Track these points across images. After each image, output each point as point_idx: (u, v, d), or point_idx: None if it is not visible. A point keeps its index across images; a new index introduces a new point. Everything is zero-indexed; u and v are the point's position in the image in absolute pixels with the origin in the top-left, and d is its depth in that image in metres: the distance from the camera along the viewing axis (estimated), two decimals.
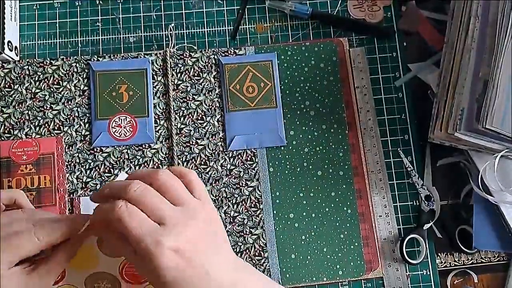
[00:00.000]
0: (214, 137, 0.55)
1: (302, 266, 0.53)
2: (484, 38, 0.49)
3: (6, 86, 0.56)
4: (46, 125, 0.55)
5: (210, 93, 0.56)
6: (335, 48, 0.58)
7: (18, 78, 0.56)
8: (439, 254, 0.55)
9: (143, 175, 0.38)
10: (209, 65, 0.57)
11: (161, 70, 0.57)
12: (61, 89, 0.56)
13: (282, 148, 0.56)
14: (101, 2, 0.60)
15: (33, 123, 0.55)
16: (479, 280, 0.54)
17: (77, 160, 0.54)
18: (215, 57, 0.57)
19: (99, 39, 0.58)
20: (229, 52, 0.57)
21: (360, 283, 0.53)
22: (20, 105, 0.55)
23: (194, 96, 0.56)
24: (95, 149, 0.55)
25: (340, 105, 0.57)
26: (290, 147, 0.56)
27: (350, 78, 0.58)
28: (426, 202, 0.55)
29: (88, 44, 0.58)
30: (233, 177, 0.55)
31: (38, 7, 0.59)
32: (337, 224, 0.54)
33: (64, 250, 0.40)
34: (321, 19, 0.59)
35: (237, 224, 0.54)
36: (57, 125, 0.55)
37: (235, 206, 0.54)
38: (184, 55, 0.57)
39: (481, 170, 0.52)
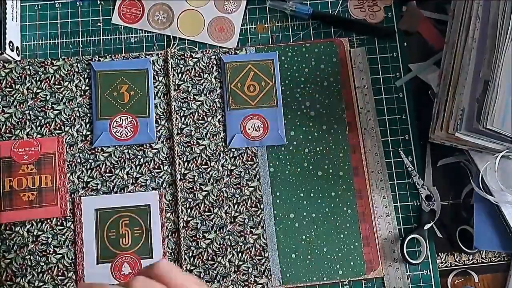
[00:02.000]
0: (215, 137, 0.56)
1: (302, 266, 0.53)
2: (484, 38, 0.49)
3: (8, 86, 0.56)
4: (47, 125, 0.55)
5: (211, 93, 0.57)
6: (336, 48, 0.58)
7: (20, 78, 0.56)
8: (439, 254, 0.55)
9: None
10: (210, 65, 0.57)
11: (162, 70, 0.57)
12: (62, 89, 0.56)
13: (283, 148, 0.56)
14: (102, 2, 0.60)
15: (34, 123, 0.55)
16: (480, 280, 0.54)
17: (78, 160, 0.55)
18: (216, 57, 0.57)
19: (100, 39, 0.59)
20: (230, 52, 0.58)
21: (361, 283, 0.53)
22: (21, 105, 0.55)
23: (195, 97, 0.56)
24: (96, 149, 0.55)
25: (341, 106, 0.57)
26: (291, 148, 0.56)
27: (350, 78, 0.58)
28: (426, 202, 0.55)
29: (89, 44, 0.58)
30: (234, 177, 0.55)
31: (39, 7, 0.59)
32: (337, 224, 0.54)
33: None
34: (321, 19, 0.59)
35: (237, 224, 0.54)
36: (58, 125, 0.55)
37: (235, 206, 0.54)
38: (185, 55, 0.57)
39: (481, 170, 0.52)
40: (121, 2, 0.59)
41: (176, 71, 0.57)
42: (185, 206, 0.54)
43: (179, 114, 0.56)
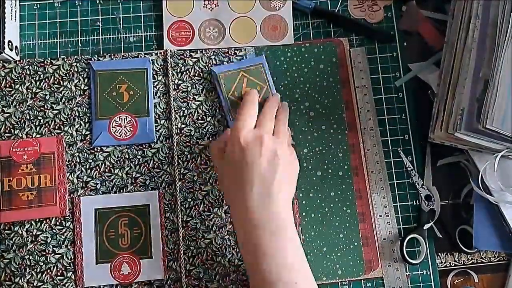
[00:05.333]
0: (214, 137, 0.55)
1: None
2: (484, 38, 0.49)
3: (7, 85, 0.56)
4: (47, 124, 0.55)
5: (210, 93, 0.57)
6: (335, 48, 0.58)
7: (19, 77, 0.56)
8: (439, 254, 0.55)
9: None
10: (209, 65, 0.57)
11: (161, 69, 0.57)
12: (61, 88, 0.56)
13: None
14: (101, 1, 0.60)
15: (34, 123, 0.55)
16: (479, 280, 0.54)
17: (78, 160, 0.54)
18: (215, 57, 0.57)
19: (99, 38, 0.59)
20: (229, 52, 0.57)
21: (360, 283, 0.53)
22: (21, 105, 0.55)
23: (194, 96, 0.56)
24: (95, 149, 0.55)
25: (340, 105, 0.57)
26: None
27: (350, 78, 0.58)
28: (426, 202, 0.55)
29: (89, 43, 0.58)
30: None
31: (38, 6, 0.59)
32: (337, 224, 0.54)
33: None
34: (322, 15, 0.59)
35: None
36: (58, 125, 0.55)
37: None
38: (185, 55, 0.57)
39: (481, 170, 0.52)
40: (169, 28, 0.58)
41: (176, 70, 0.57)
42: (184, 206, 0.54)
43: (178, 114, 0.56)
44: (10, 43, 0.55)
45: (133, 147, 0.55)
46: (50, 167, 0.54)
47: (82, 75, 0.56)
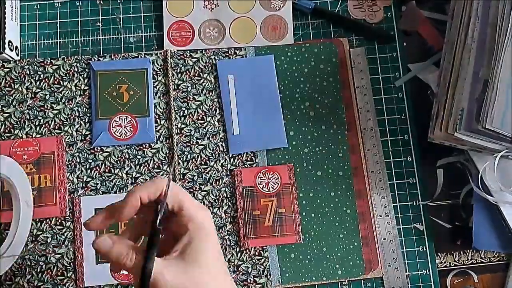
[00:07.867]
0: (214, 137, 0.56)
1: (301, 266, 0.53)
2: (484, 38, 0.49)
3: (7, 85, 0.56)
4: (47, 124, 0.55)
5: (210, 93, 0.57)
6: (335, 48, 0.58)
7: (19, 77, 0.56)
8: (439, 254, 0.55)
9: None
10: (209, 65, 0.57)
11: (161, 70, 0.57)
12: (61, 88, 0.56)
13: (282, 148, 0.56)
14: (101, 2, 0.60)
15: (34, 123, 0.55)
16: (479, 280, 0.54)
17: (78, 160, 0.55)
18: (215, 57, 0.57)
19: (99, 39, 0.59)
20: (230, 52, 0.58)
21: (360, 283, 0.53)
22: (21, 105, 0.55)
23: (194, 96, 0.56)
24: (95, 149, 0.55)
25: (340, 106, 0.57)
26: (290, 148, 0.56)
27: (350, 78, 0.58)
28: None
29: (89, 44, 0.58)
30: (233, 177, 0.55)
31: (38, 7, 0.59)
32: (337, 224, 0.54)
33: None
34: (322, 15, 0.59)
35: (237, 224, 0.54)
36: (58, 125, 0.55)
37: (235, 206, 0.54)
38: (185, 55, 0.57)
39: (481, 170, 0.52)
40: (169, 28, 0.59)
41: (176, 70, 0.57)
42: None
43: (178, 114, 0.56)
44: (10, 43, 0.56)
45: (133, 147, 0.55)
46: (50, 167, 0.54)
47: (82, 75, 0.56)
